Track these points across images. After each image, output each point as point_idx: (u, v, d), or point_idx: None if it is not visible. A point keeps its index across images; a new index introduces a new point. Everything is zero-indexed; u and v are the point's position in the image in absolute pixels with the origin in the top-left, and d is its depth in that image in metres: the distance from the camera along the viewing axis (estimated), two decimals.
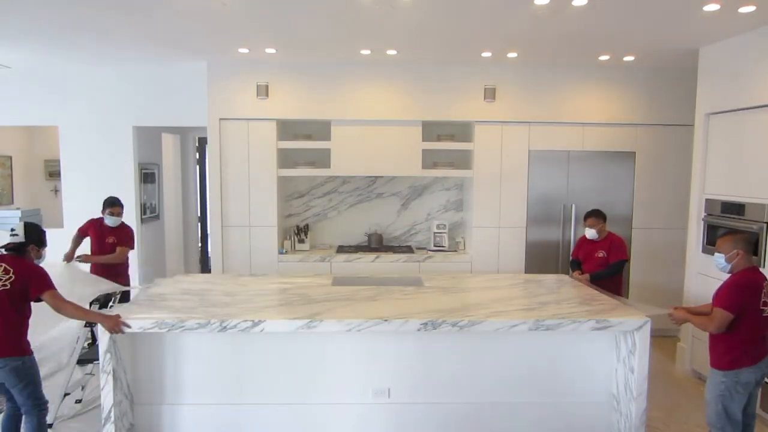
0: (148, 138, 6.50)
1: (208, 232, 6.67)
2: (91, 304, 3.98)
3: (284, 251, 5.79)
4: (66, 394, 3.92)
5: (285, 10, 3.85)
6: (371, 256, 5.65)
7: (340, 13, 3.90)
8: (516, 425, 3.54)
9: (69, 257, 4.67)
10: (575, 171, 5.78)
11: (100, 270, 4.77)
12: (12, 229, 3.19)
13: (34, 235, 3.23)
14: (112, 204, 4.88)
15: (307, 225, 6.09)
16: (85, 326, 3.98)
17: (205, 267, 8.11)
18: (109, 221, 4.87)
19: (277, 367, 3.47)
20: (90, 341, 4.52)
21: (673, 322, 3.41)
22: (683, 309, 3.48)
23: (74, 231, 4.97)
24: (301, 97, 5.61)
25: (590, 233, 4.58)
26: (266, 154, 5.64)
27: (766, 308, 3.01)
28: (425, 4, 3.67)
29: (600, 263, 4.50)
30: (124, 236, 4.95)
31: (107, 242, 4.89)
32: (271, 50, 5.12)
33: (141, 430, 3.46)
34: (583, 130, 5.72)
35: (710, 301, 3.20)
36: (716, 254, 3.19)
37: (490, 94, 5.62)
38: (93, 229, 4.93)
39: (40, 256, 3.27)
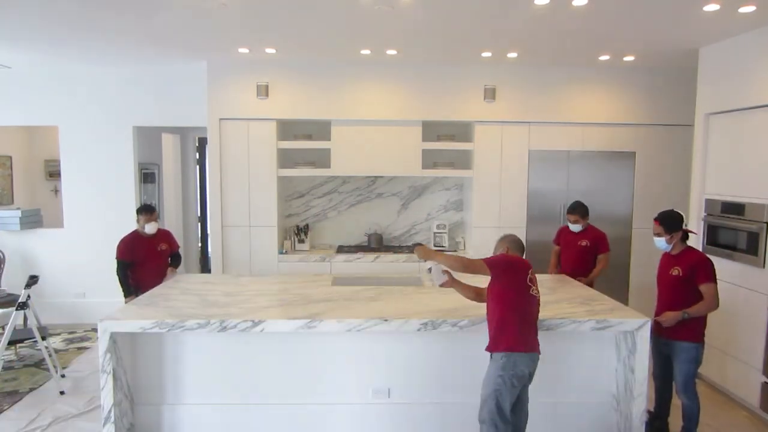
0: (148, 138, 6.50)
1: (208, 232, 6.66)
2: None
3: (284, 251, 5.79)
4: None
5: (285, 10, 3.85)
6: (371, 256, 5.65)
7: (340, 13, 3.90)
8: None
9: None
10: (575, 171, 5.78)
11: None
12: None
13: None
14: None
15: (307, 225, 6.08)
16: (17, 309, 4.17)
17: (205, 267, 8.10)
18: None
19: (277, 367, 3.47)
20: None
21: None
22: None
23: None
24: (301, 97, 5.61)
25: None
26: (266, 154, 5.64)
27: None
28: (425, 4, 3.67)
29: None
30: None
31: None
32: (271, 50, 5.12)
33: (141, 430, 3.45)
34: (583, 130, 5.72)
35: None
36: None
37: (490, 94, 5.62)
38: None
39: None
